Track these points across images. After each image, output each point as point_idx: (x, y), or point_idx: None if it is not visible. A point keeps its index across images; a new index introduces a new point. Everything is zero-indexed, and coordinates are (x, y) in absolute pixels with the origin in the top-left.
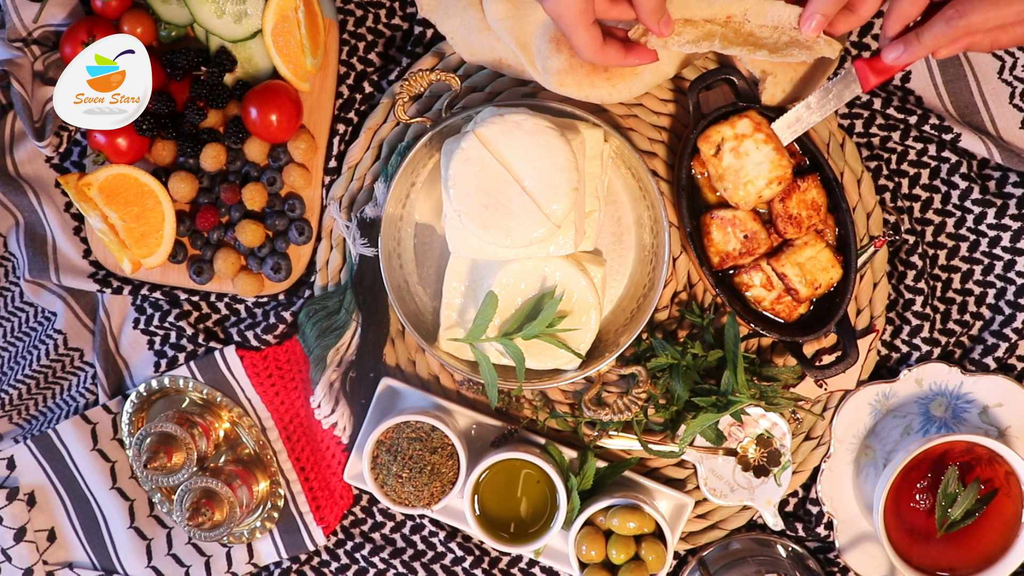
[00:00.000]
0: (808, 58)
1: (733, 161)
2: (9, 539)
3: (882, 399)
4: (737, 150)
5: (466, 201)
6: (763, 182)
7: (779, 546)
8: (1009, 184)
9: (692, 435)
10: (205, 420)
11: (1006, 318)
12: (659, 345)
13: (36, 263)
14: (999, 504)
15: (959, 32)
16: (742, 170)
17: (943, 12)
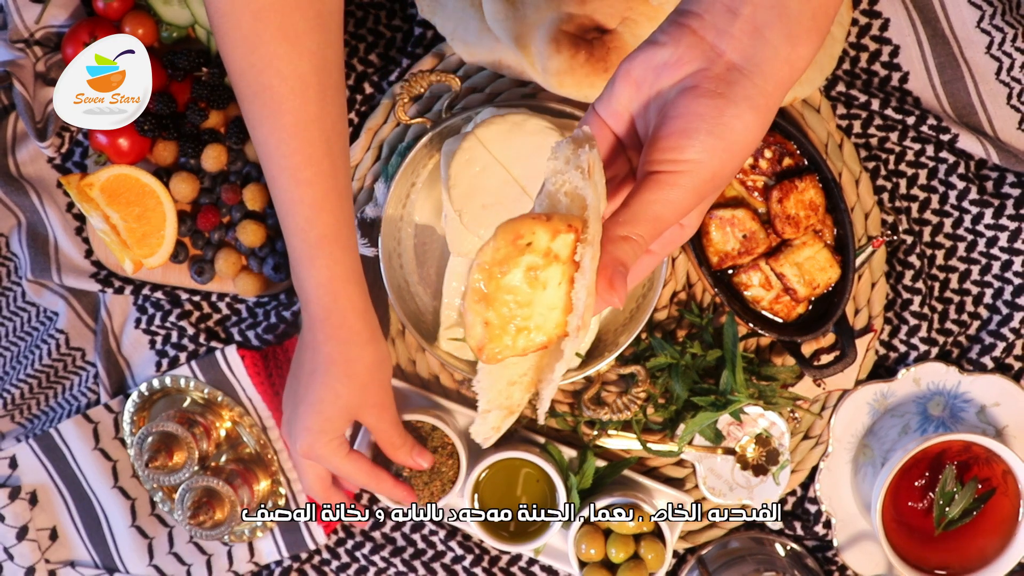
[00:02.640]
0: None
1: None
2: (11, 538)
3: (880, 398)
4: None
5: (466, 201)
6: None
7: (777, 545)
8: (1007, 184)
9: (691, 434)
10: (206, 419)
11: (1003, 318)
12: (658, 345)
13: (38, 263)
14: (996, 503)
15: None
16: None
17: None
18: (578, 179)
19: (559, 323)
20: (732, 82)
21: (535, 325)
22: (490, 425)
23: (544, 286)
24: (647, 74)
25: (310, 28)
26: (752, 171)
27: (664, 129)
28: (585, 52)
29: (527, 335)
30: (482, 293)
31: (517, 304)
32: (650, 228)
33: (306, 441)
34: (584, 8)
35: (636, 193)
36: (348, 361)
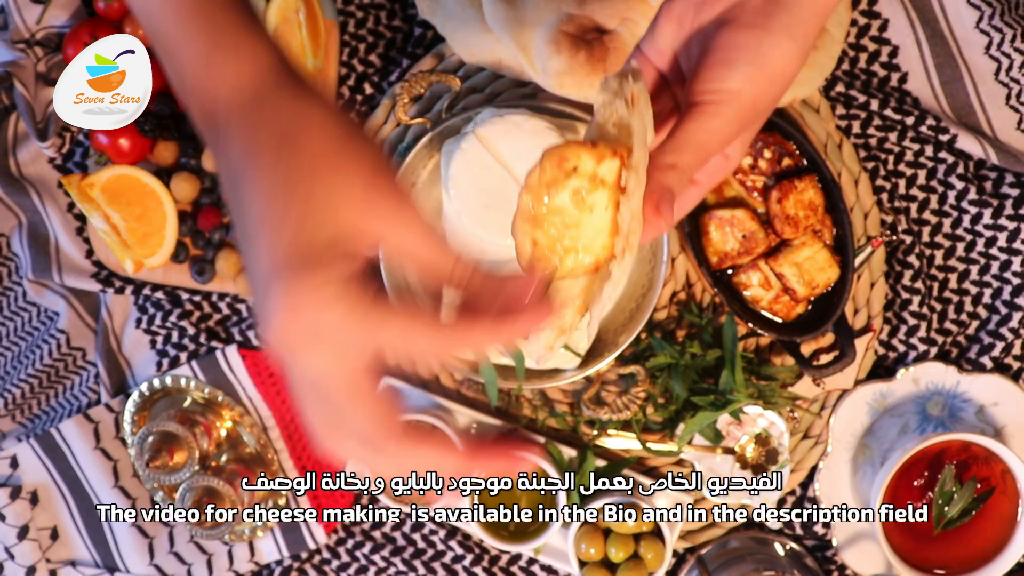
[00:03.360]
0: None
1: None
2: (12, 537)
3: (879, 398)
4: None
5: (466, 201)
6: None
7: (777, 544)
8: (1005, 184)
9: (690, 434)
10: (207, 419)
11: (1002, 317)
12: (658, 345)
13: (39, 263)
14: (995, 502)
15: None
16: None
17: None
18: (623, 109)
19: (606, 246)
20: (769, 14)
21: (582, 247)
22: (544, 344)
23: (591, 209)
24: (687, 10)
25: None
26: (751, 171)
27: (706, 61)
28: (585, 52)
29: (575, 256)
30: (530, 214)
31: (564, 225)
32: (695, 156)
33: (284, 303)
34: (583, 8)
35: (681, 123)
36: (315, 138)
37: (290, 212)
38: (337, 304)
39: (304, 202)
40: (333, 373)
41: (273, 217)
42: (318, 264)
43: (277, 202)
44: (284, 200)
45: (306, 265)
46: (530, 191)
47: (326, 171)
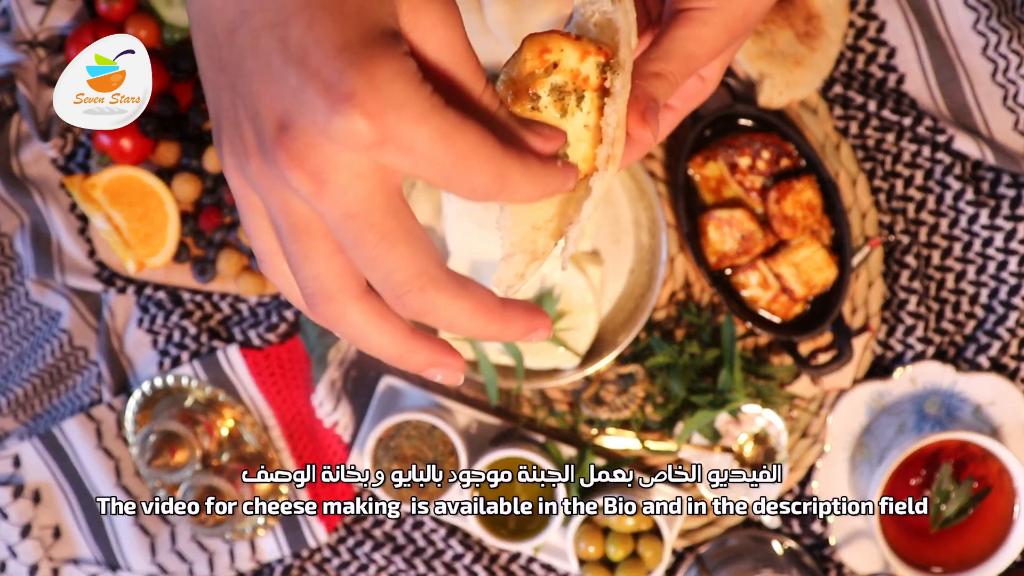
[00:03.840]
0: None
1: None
2: (15, 536)
3: (877, 397)
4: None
5: (465, 201)
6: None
7: (775, 543)
8: (1002, 185)
9: (689, 433)
10: (208, 418)
11: (999, 317)
12: (657, 344)
13: (41, 263)
14: (992, 501)
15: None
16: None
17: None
18: (607, 4)
19: (587, 157)
20: None
21: (561, 155)
22: (513, 271)
23: (572, 113)
24: None
25: None
26: (750, 172)
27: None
28: None
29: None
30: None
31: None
32: (682, 65)
33: (363, 84)
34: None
35: (667, 31)
36: None
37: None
38: (419, 95)
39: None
40: (379, 191)
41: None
42: (390, 48)
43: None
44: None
45: (378, 46)
46: (507, 84)
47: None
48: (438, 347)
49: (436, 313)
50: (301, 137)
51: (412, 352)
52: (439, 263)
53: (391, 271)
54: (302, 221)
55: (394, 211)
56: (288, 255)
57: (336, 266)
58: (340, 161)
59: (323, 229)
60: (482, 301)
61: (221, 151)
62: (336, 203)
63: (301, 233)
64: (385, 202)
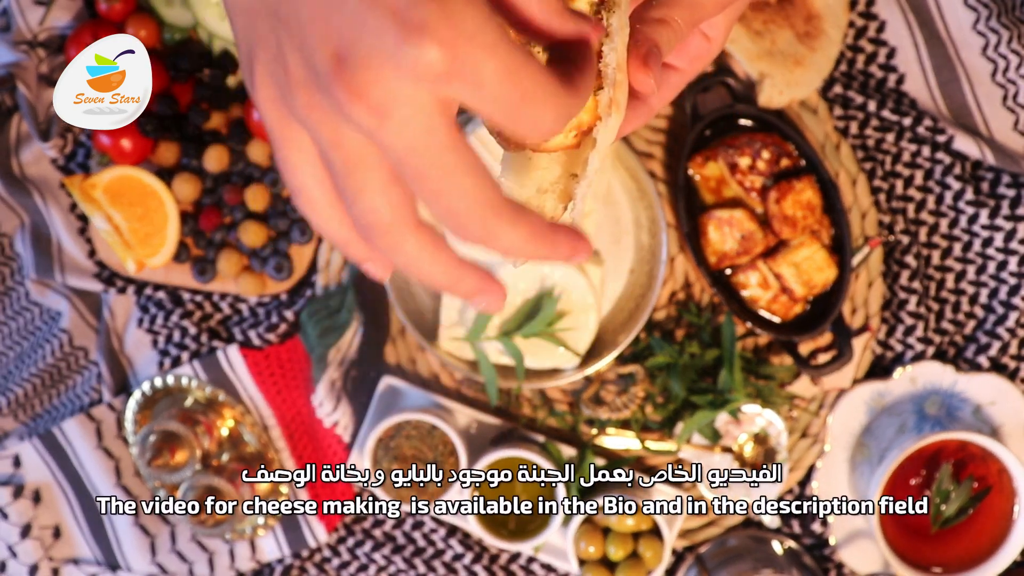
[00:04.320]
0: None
1: None
2: (15, 536)
3: (877, 397)
4: None
5: None
6: None
7: (775, 543)
8: (1002, 185)
9: (689, 433)
10: (208, 418)
11: (999, 317)
12: (657, 344)
13: (41, 263)
14: (992, 501)
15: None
16: None
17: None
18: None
19: (588, 107)
20: None
21: None
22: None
23: None
24: None
25: None
26: (750, 172)
27: None
28: None
29: None
30: None
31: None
32: (687, 13)
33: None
34: None
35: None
36: None
37: None
38: (489, 25)
39: None
40: (442, 124)
41: None
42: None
43: None
44: None
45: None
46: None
47: None
48: (483, 276)
49: (496, 240)
50: (363, 67)
51: (461, 280)
52: (498, 192)
53: (454, 203)
54: (358, 154)
55: (455, 144)
56: (343, 188)
57: (394, 197)
58: (403, 93)
59: (379, 161)
60: (535, 225)
61: (253, 83)
62: (400, 136)
63: (357, 166)
64: (447, 135)
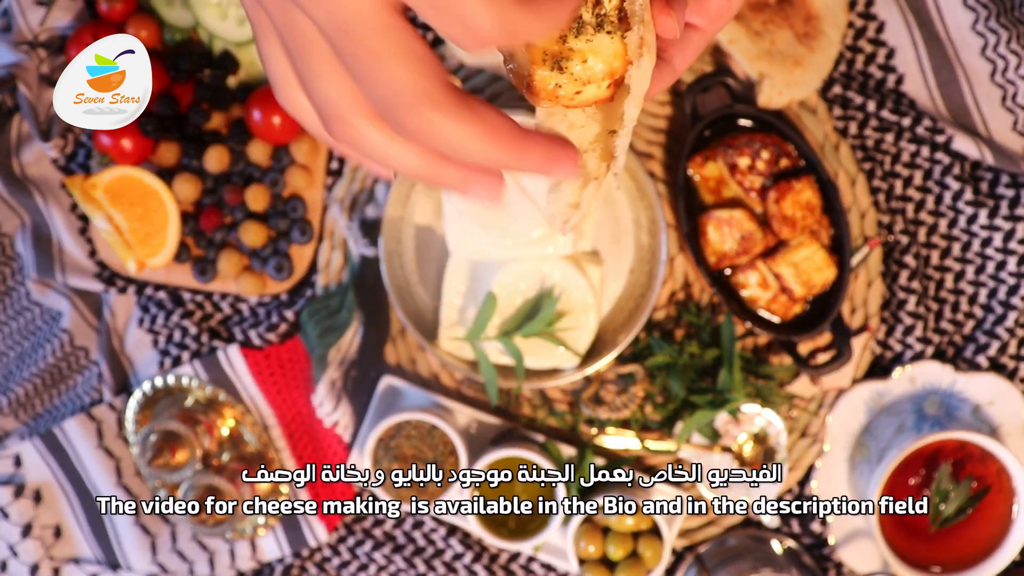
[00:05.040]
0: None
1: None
2: (16, 535)
3: (876, 397)
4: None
5: (466, 202)
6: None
7: (775, 542)
8: (1001, 185)
9: (689, 432)
10: (208, 418)
11: (998, 317)
12: (657, 344)
13: (42, 263)
14: (991, 501)
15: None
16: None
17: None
18: None
19: (618, 52)
20: None
21: (591, 45)
22: (565, 200)
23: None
24: None
25: None
26: (749, 172)
27: None
28: None
29: (581, 65)
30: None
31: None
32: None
33: None
34: None
35: None
36: None
37: None
38: None
39: None
40: (374, 6)
41: None
42: None
43: None
44: None
45: None
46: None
47: None
48: (469, 165)
49: (438, 135)
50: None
51: (442, 169)
52: (442, 82)
53: (383, 89)
54: (307, 38)
55: (390, 27)
56: (300, 77)
57: (345, 84)
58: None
59: (328, 46)
60: (492, 125)
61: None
62: (330, 16)
63: (307, 51)
64: (379, 18)
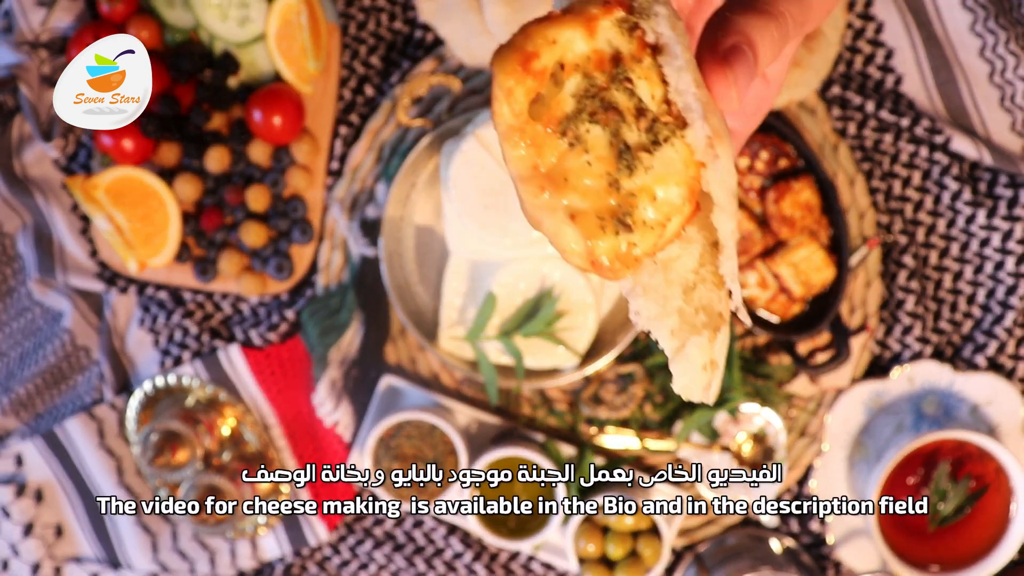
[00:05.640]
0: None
1: None
2: (17, 534)
3: (875, 397)
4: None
5: (466, 201)
6: None
7: (774, 541)
8: (999, 186)
9: (688, 431)
10: (209, 417)
11: (996, 317)
12: (656, 344)
13: (43, 263)
14: (989, 500)
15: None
16: None
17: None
18: None
19: (686, 159)
20: None
21: (653, 174)
22: (697, 364)
23: (624, 111)
24: None
25: None
26: (749, 172)
27: None
28: None
29: (648, 204)
30: (532, 171)
31: (599, 161)
32: (798, 10)
33: None
34: None
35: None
36: None
37: None
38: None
39: None
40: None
41: None
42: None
43: None
44: None
45: None
46: (510, 138)
47: None
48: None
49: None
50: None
51: None
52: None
53: None
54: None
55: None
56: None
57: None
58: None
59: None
60: None
61: None
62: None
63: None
64: None
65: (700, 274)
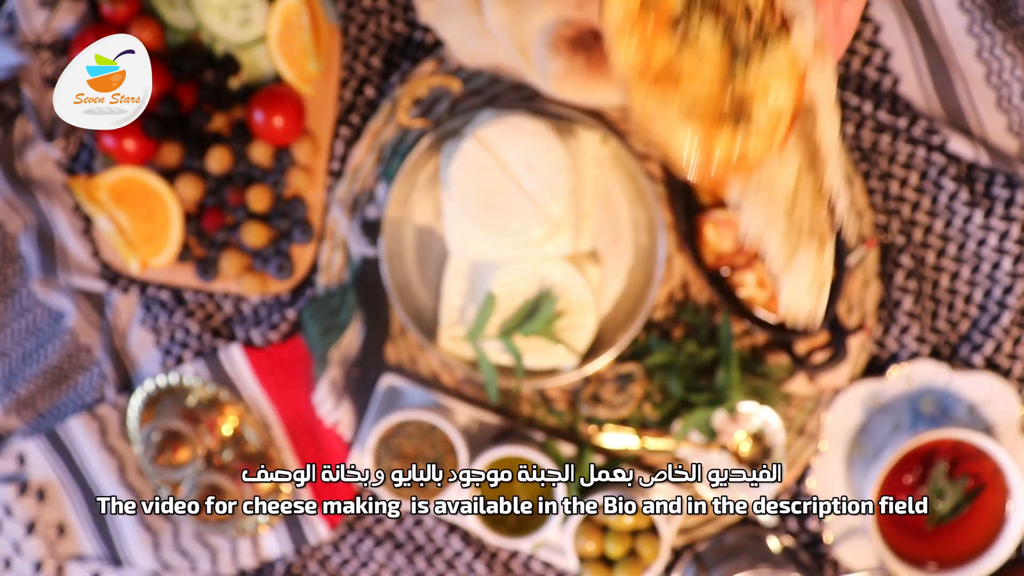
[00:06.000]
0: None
1: None
2: (20, 533)
3: (872, 396)
4: None
5: (466, 202)
6: None
7: (772, 540)
8: (996, 186)
9: (687, 431)
10: (210, 417)
11: (993, 317)
12: (655, 343)
13: (46, 263)
14: (986, 499)
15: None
16: None
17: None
18: None
19: (791, 64)
20: None
21: (763, 78)
22: (804, 282)
23: (733, 13)
24: None
25: None
26: None
27: None
28: (583, 56)
29: (760, 100)
30: (643, 70)
31: (709, 63)
32: None
33: None
34: (582, 12)
35: None
36: None
37: None
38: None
39: None
40: None
41: None
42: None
43: None
44: None
45: None
46: (620, 36)
47: None
48: None
49: None
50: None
51: None
52: None
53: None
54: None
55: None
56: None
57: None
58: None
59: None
60: None
61: None
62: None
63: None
64: None
65: (802, 187)
